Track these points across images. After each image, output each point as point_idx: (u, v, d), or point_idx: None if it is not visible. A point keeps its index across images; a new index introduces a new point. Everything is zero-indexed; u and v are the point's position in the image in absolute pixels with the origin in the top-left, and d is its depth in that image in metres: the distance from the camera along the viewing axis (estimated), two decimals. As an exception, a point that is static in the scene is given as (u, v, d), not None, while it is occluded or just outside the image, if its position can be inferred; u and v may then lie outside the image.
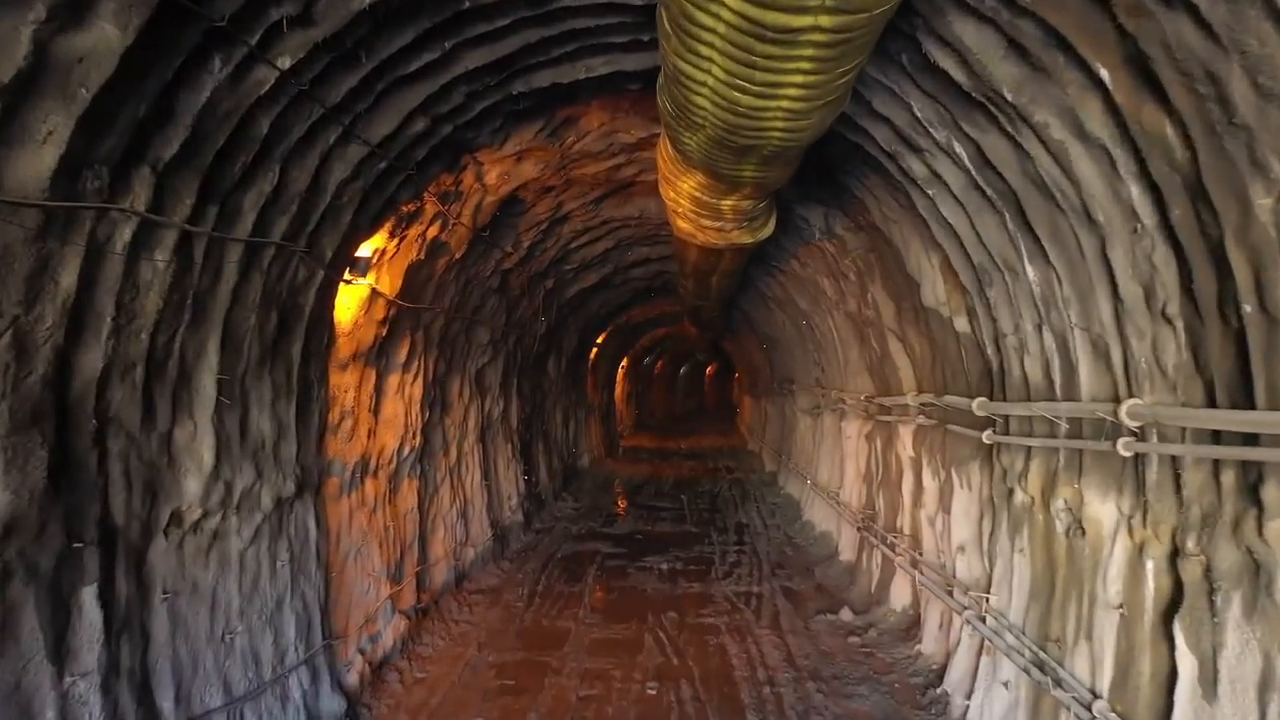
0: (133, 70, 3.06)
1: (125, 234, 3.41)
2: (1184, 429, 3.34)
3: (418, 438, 7.65)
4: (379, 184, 5.27)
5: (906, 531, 7.70)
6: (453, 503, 8.99)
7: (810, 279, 10.20)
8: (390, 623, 6.74)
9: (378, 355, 6.63)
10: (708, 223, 6.73)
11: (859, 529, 9.07)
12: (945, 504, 6.49)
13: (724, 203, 6.20)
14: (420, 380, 7.62)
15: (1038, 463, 4.61)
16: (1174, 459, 3.41)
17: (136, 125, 3.26)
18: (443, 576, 8.56)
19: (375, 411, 6.78)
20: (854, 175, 6.43)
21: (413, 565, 7.59)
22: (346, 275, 5.69)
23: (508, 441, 11.77)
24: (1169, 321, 3.33)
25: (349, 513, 6.19)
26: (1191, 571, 3.28)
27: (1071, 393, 4.22)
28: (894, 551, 7.83)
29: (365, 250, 5.87)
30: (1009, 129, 3.81)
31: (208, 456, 4.23)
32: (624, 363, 26.82)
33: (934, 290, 6.18)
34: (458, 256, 7.48)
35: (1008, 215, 4.34)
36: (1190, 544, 3.28)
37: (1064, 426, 4.30)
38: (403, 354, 7.12)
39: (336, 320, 5.87)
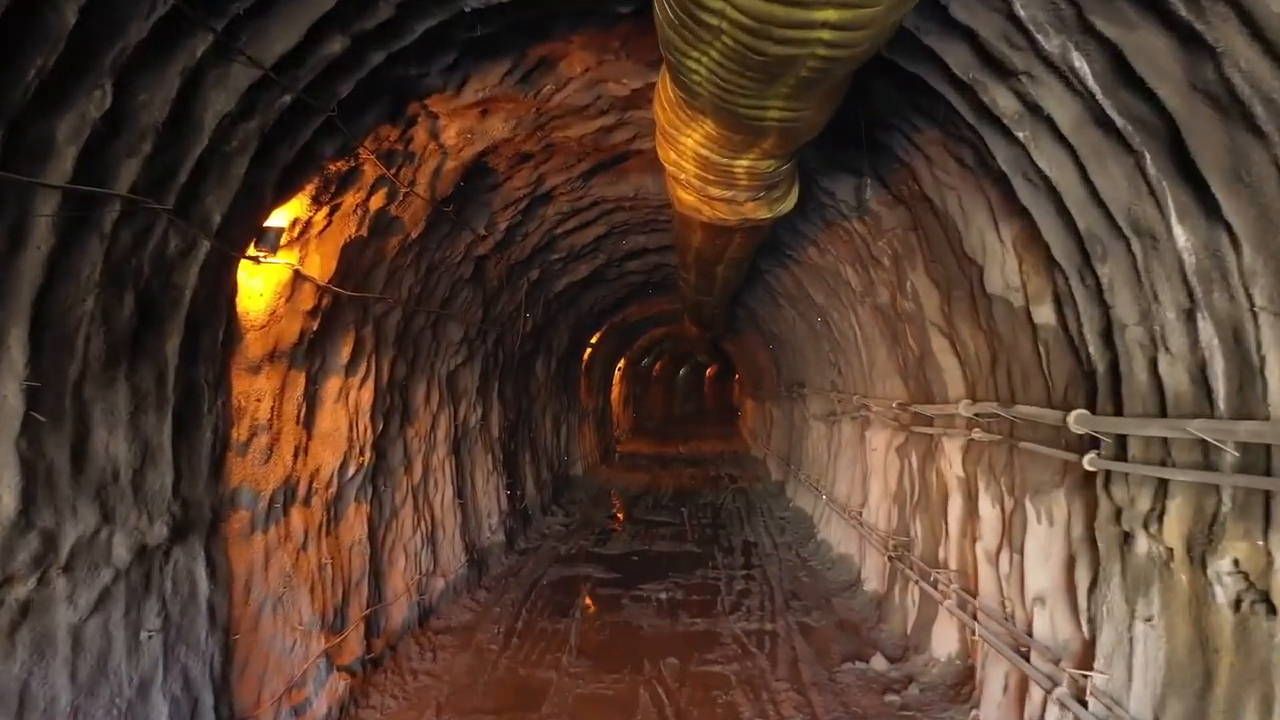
0: None
1: None
2: None
3: (368, 453, 6.37)
4: (286, 127, 3.99)
5: (953, 566, 6.42)
6: (417, 527, 7.71)
7: (830, 268, 8.92)
8: (325, 685, 5.46)
9: (308, 355, 5.35)
10: (717, 192, 5.45)
11: (889, 557, 7.80)
12: (1013, 540, 5.21)
13: (738, 163, 4.94)
14: (371, 384, 6.34)
15: (1180, 502, 3.33)
16: None
17: None
18: (403, 614, 7.27)
19: (306, 424, 5.49)
20: (901, 129, 5.16)
21: (360, 608, 6.31)
22: (252, 250, 4.40)
23: (487, 452, 10.49)
24: None
25: (265, 553, 4.90)
26: None
27: (1248, 406, 2.94)
28: (936, 589, 6.55)
29: (280, 219, 4.58)
30: (1183, 13, 2.53)
31: (8, 498, 2.95)
32: (621, 364, 25.55)
33: (1002, 272, 4.90)
34: (414, 236, 6.20)
35: (1149, 156, 3.06)
36: None
37: (1231, 455, 3.02)
38: (345, 353, 5.84)
39: (242, 310, 4.59)
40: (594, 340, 18.46)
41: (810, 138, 4.49)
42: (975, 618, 5.76)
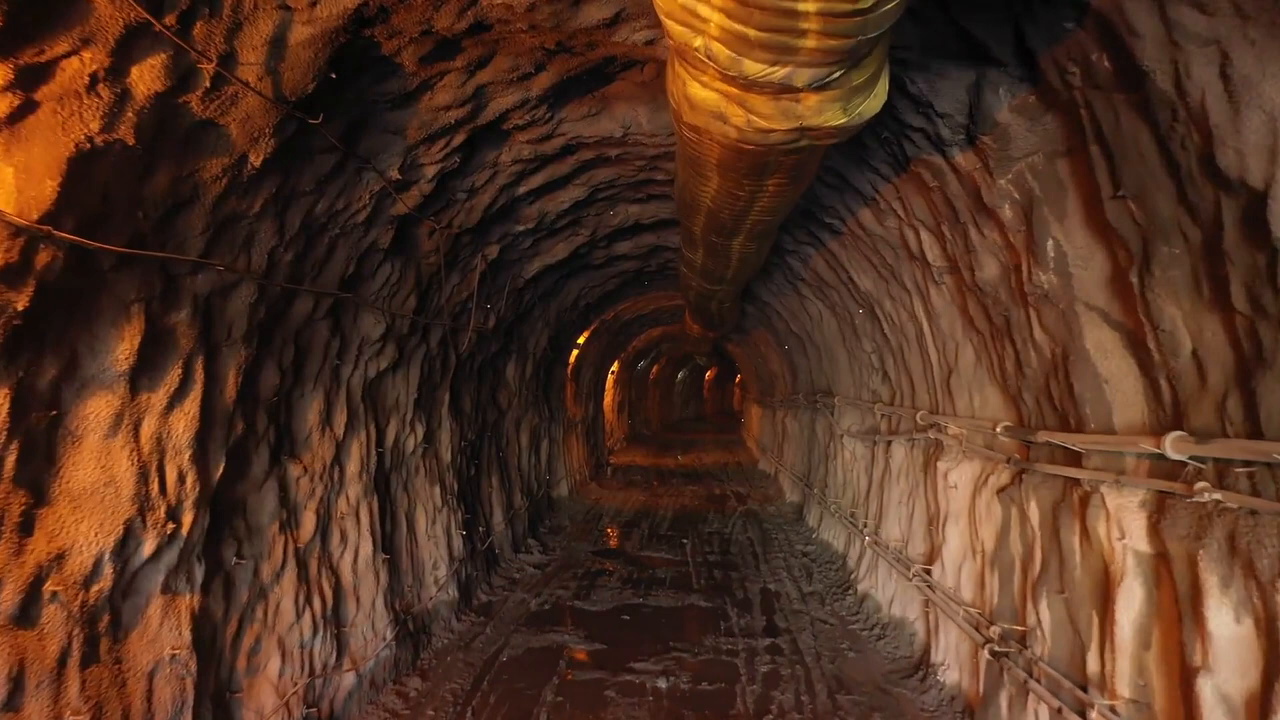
0: None
1: None
2: None
3: (188, 515, 3.95)
4: None
5: (1124, 693, 4.02)
6: (305, 607, 5.29)
7: (891, 237, 6.53)
8: None
9: (13, 356, 2.95)
10: (759, 70, 3.04)
11: (990, 650, 5.38)
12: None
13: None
14: (195, 403, 3.93)
15: None
16: None
17: None
18: (276, 743, 4.86)
19: (28, 479, 3.09)
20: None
21: (173, 765, 3.90)
22: None
23: (435, 483, 8.07)
24: None
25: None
26: None
27: None
28: (1091, 722, 4.16)
29: None
30: None
31: None
32: (614, 368, 23.15)
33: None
34: (257, 163, 3.78)
35: None
36: None
37: None
38: (124, 353, 3.44)
39: None
40: (581, 341, 16.05)
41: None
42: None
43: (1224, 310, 3.15)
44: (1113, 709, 4.02)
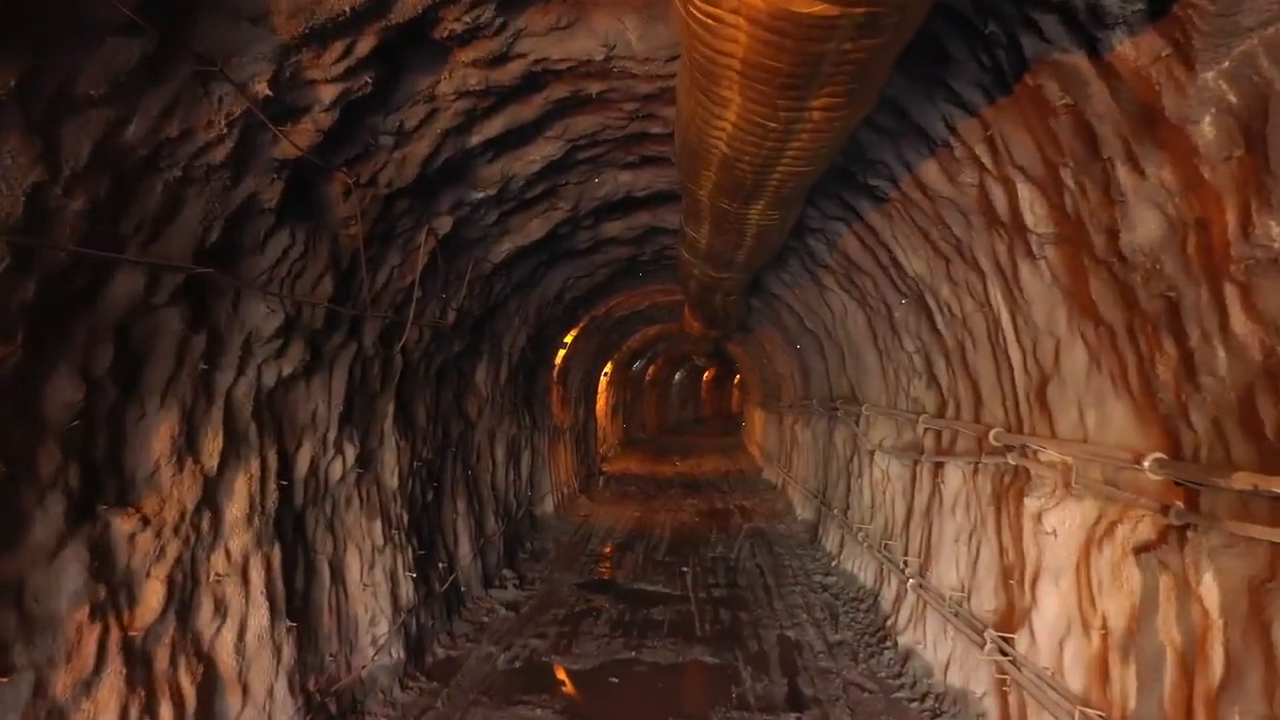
0: None
1: None
2: None
3: None
4: None
5: None
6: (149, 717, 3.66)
7: (962, 199, 4.89)
8: None
9: None
10: None
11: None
12: None
13: None
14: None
15: None
16: None
17: None
18: None
19: None
20: None
21: None
22: None
23: (374, 517, 6.43)
24: None
25: None
26: None
27: None
28: None
29: None
30: None
31: None
32: (607, 369, 21.53)
33: None
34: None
35: None
36: None
37: None
38: None
39: None
40: (568, 340, 14.42)
41: None
42: None
43: None
44: None
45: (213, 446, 4.22)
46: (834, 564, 10.53)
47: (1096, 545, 4.26)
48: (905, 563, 7.46)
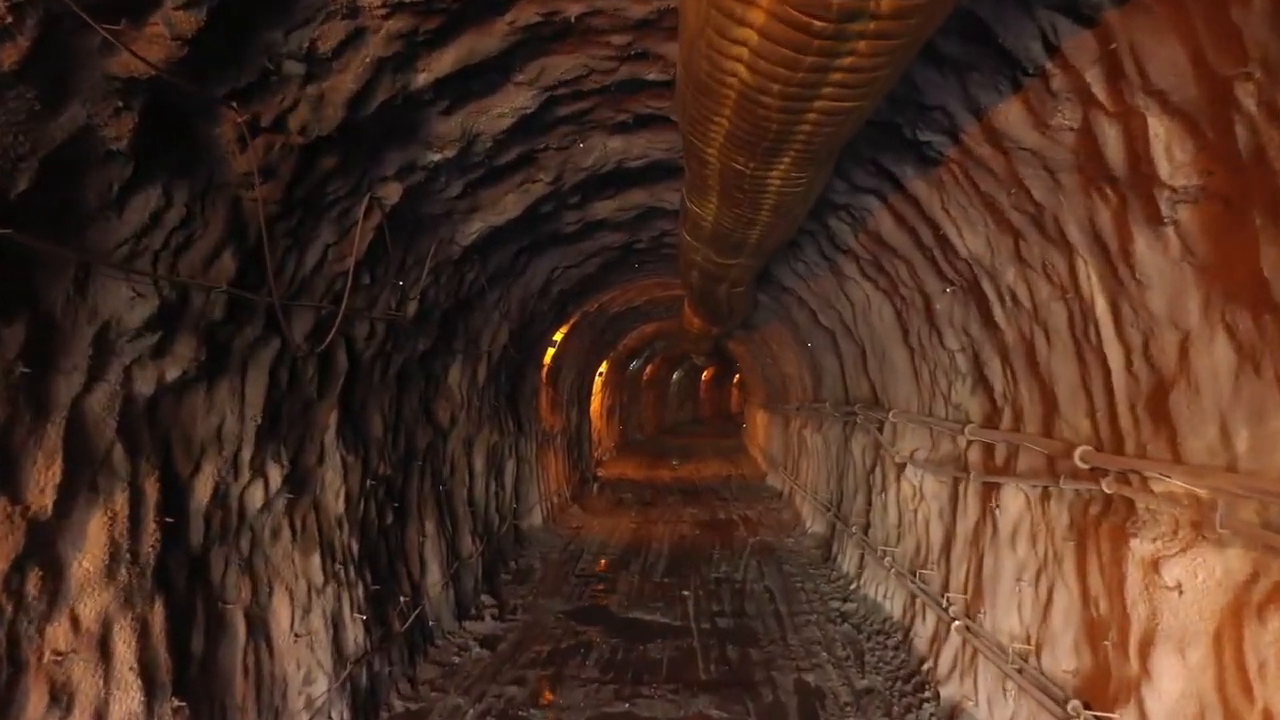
0: None
1: None
2: None
3: None
4: None
5: None
6: None
7: (1053, 150, 3.75)
8: None
9: None
10: None
11: None
12: None
13: None
14: None
15: None
16: None
17: None
18: None
19: None
20: None
21: None
22: None
23: (311, 551, 5.29)
24: None
25: None
26: None
27: None
28: None
29: None
30: None
31: None
32: (602, 369, 20.40)
33: None
34: None
35: None
36: None
37: None
38: None
39: None
40: (558, 337, 13.27)
41: None
42: None
43: None
44: None
45: (44, 479, 3.07)
46: (853, 588, 9.39)
47: (1254, 613, 3.12)
48: (947, 600, 6.32)
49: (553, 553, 11.60)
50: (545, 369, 13.47)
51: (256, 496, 4.71)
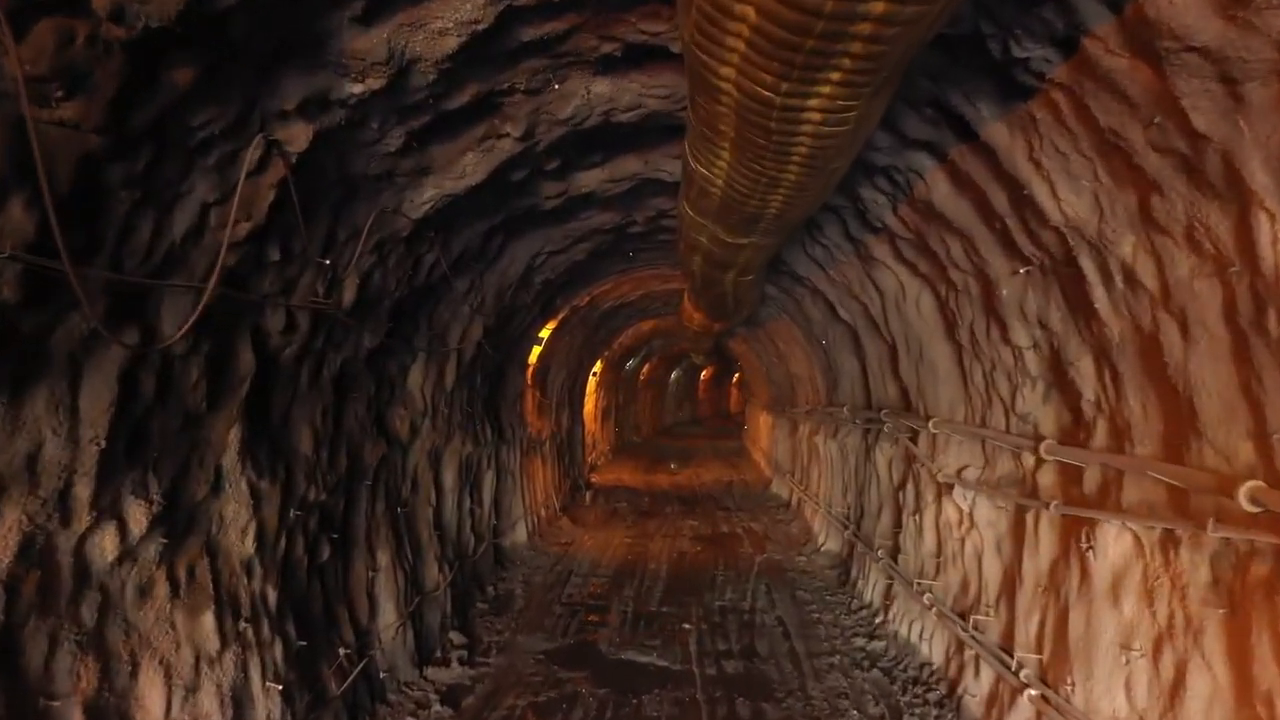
0: None
1: None
2: None
3: None
4: None
5: None
6: None
7: (1230, 53, 2.53)
8: None
9: None
10: None
11: None
12: None
13: None
14: None
15: None
16: None
17: None
18: None
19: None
20: None
21: None
22: None
23: (204, 608, 4.04)
24: None
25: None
26: None
27: None
28: None
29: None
30: None
31: None
32: (596, 368, 19.14)
33: None
34: None
35: None
36: None
37: None
38: None
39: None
40: (544, 335, 12.01)
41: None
42: None
43: None
44: None
45: None
46: (878, 621, 8.15)
47: None
48: (1017, 661, 5.07)
49: (537, 575, 10.35)
50: (531, 369, 12.21)
51: (107, 546, 3.46)
